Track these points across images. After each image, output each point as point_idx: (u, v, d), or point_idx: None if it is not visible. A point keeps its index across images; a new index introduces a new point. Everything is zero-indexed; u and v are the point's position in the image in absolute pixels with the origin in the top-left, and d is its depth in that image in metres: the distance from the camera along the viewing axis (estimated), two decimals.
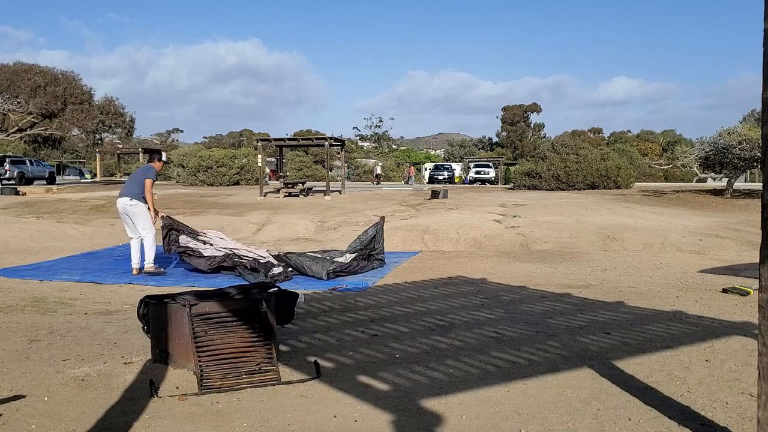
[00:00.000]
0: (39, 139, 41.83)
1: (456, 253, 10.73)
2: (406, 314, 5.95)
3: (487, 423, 3.40)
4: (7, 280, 7.80)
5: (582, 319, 5.71)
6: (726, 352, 4.61)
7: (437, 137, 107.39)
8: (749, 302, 6.27)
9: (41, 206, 18.33)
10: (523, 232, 12.53)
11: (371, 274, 8.43)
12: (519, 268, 8.86)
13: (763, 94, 2.40)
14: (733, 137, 21.42)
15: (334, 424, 3.41)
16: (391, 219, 15.54)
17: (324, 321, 5.66)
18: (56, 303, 6.48)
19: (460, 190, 29.66)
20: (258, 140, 26.86)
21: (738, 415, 3.44)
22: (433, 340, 5.03)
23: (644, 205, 19.01)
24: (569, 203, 18.96)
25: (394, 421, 3.44)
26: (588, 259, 9.80)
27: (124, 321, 5.61)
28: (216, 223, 14.81)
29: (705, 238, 11.61)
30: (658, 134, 69.15)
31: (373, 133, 74.01)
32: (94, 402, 3.66)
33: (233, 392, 3.85)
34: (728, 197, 21.45)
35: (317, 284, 7.59)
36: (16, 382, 3.93)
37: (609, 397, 3.73)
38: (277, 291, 4.77)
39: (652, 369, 4.23)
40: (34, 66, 41.85)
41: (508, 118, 67.71)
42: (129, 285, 7.57)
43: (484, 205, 18.84)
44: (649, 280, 7.90)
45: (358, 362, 4.47)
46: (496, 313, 5.98)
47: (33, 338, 5.01)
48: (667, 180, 48.66)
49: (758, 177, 31.32)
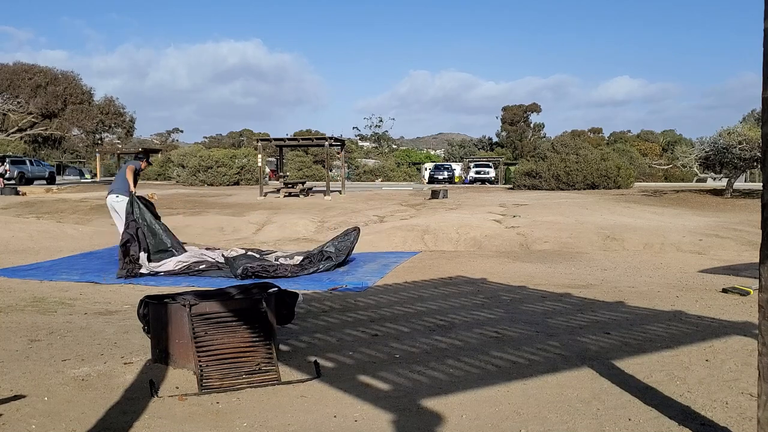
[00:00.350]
0: (39, 139, 41.85)
1: (456, 253, 10.73)
2: (407, 314, 5.95)
3: (487, 423, 3.40)
4: (7, 280, 7.80)
5: (582, 319, 5.71)
6: (726, 352, 4.61)
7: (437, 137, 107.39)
8: (749, 302, 6.27)
9: (41, 206, 18.34)
10: (523, 232, 12.53)
11: (371, 274, 8.42)
12: (519, 268, 8.86)
13: (763, 94, 2.40)
14: (733, 137, 21.43)
15: (334, 424, 3.41)
16: (391, 219, 15.54)
17: (324, 321, 5.66)
18: (56, 303, 6.48)
19: (460, 190, 29.67)
20: (258, 140, 26.87)
21: (738, 415, 3.44)
22: (433, 339, 5.02)
23: (644, 205, 19.01)
24: (569, 203, 18.96)
25: (395, 421, 3.44)
26: (588, 259, 9.80)
27: (124, 321, 5.61)
28: (216, 223, 14.82)
29: (705, 238, 11.62)
30: (658, 134, 69.14)
31: (373, 133, 74.00)
32: (94, 402, 3.66)
33: (233, 392, 3.85)
34: (728, 197, 21.46)
35: (317, 284, 7.59)
36: (16, 382, 3.93)
37: (609, 397, 3.73)
38: (277, 291, 4.77)
39: (652, 369, 4.23)
40: (34, 66, 41.88)
41: (508, 118, 67.71)
42: (129, 285, 7.57)
43: (484, 205, 18.84)
44: (649, 280, 7.90)
45: (359, 362, 4.47)
46: (496, 313, 5.98)
47: (33, 338, 5.01)
48: (667, 180, 48.63)
49: (758, 177, 31.32)
